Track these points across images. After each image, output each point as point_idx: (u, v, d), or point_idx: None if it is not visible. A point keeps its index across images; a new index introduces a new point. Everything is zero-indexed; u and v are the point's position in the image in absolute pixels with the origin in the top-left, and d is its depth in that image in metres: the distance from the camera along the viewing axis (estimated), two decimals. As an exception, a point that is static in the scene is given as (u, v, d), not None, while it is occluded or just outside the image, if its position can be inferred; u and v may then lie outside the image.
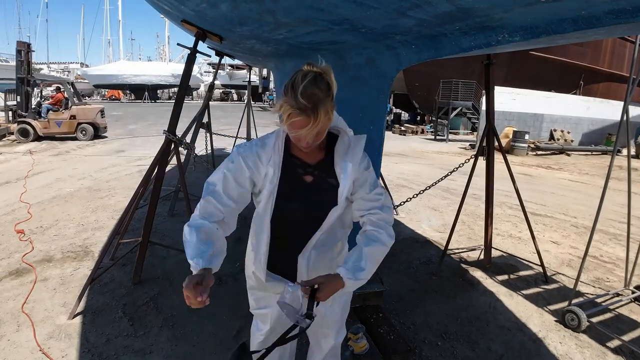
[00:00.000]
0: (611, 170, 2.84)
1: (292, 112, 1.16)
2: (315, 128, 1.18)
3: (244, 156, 1.31)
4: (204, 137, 6.16)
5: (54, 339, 2.52)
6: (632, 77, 2.87)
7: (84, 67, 50.72)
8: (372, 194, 1.36)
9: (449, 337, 2.71)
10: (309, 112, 1.15)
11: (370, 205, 1.36)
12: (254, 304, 1.56)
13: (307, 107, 1.14)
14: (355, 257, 1.28)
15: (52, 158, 9.29)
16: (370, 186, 1.37)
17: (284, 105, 1.18)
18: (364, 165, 1.37)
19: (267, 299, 1.50)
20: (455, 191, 6.94)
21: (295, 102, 1.15)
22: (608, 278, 3.82)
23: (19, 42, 11.80)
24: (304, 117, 1.15)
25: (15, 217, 4.80)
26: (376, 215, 1.36)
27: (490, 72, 3.53)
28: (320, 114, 1.16)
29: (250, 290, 1.55)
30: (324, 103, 1.17)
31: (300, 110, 1.15)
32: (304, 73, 1.18)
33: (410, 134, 19.12)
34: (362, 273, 1.25)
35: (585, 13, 1.50)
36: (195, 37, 3.09)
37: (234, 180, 1.29)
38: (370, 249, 1.29)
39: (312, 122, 1.16)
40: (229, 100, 47.03)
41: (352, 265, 1.26)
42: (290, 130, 1.21)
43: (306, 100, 1.14)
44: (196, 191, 5.92)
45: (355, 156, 1.33)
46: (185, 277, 1.09)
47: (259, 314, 1.56)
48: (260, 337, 1.55)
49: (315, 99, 1.15)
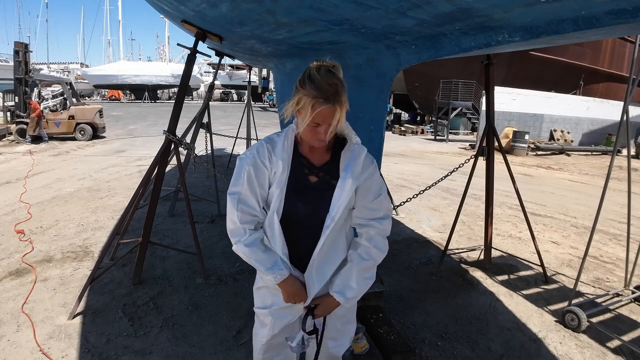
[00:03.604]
0: (611, 171, 2.84)
1: (315, 102, 1.16)
2: (339, 116, 1.20)
3: (260, 157, 1.32)
4: (204, 137, 6.16)
5: (54, 339, 2.51)
6: (632, 77, 2.87)
7: (84, 67, 50.72)
8: (374, 202, 1.36)
9: (449, 337, 2.70)
10: (333, 100, 1.16)
11: (371, 215, 1.36)
12: (260, 302, 1.50)
13: (331, 94, 1.16)
14: (345, 276, 1.35)
15: (52, 158, 9.29)
16: (374, 194, 1.36)
17: (303, 98, 1.19)
18: (369, 172, 1.35)
19: (274, 296, 1.45)
20: (455, 191, 6.94)
21: (317, 91, 1.16)
22: (608, 278, 3.82)
23: (16, 43, 11.81)
24: (329, 105, 1.17)
25: (15, 217, 4.80)
26: (374, 230, 1.36)
27: (490, 72, 3.53)
28: (343, 102, 1.19)
29: (258, 290, 1.50)
30: (344, 92, 1.20)
31: (325, 99, 1.16)
32: (317, 67, 1.20)
33: (410, 134, 19.13)
34: (351, 291, 1.34)
35: (585, 13, 1.50)
36: (195, 37, 3.09)
37: (257, 184, 1.31)
38: (361, 268, 1.35)
39: (337, 110, 1.18)
40: (228, 101, 47.00)
41: (343, 285, 1.34)
42: (312, 123, 1.21)
43: (329, 87, 1.16)
44: (196, 191, 5.94)
45: (357, 167, 1.33)
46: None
47: (264, 314, 1.49)
48: (262, 339, 1.50)
49: (336, 87, 1.17)
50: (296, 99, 1.21)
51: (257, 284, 1.51)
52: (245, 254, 1.29)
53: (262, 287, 1.48)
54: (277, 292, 1.42)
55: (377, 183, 1.37)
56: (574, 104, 16.50)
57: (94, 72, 41.11)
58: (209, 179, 7.05)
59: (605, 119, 16.55)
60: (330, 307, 1.34)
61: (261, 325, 1.50)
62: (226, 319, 2.80)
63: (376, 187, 1.37)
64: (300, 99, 1.19)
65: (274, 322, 1.45)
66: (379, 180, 1.39)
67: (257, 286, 1.51)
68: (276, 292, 1.42)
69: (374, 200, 1.36)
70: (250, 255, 1.28)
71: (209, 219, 4.92)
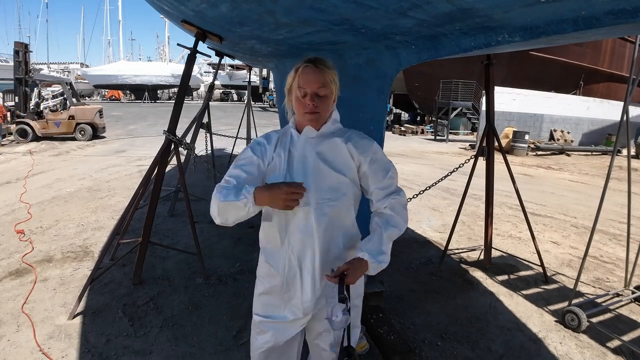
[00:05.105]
0: (611, 171, 2.84)
1: (300, 66, 1.29)
2: (325, 82, 1.28)
3: (251, 148, 1.39)
4: (204, 137, 6.16)
5: (54, 339, 2.51)
6: (632, 77, 2.87)
7: (84, 67, 50.71)
8: (386, 179, 1.36)
9: (449, 338, 2.70)
10: (317, 63, 1.28)
11: (387, 192, 1.36)
12: (259, 309, 1.46)
13: (316, 59, 1.29)
14: (377, 241, 1.31)
15: (52, 158, 9.29)
16: (383, 172, 1.36)
17: (292, 71, 1.30)
18: (368, 157, 1.36)
19: (276, 307, 1.43)
20: (455, 191, 6.94)
21: (303, 61, 1.29)
22: (608, 278, 3.82)
23: (16, 43, 11.81)
24: (312, 67, 1.28)
25: (15, 217, 4.80)
26: (394, 200, 1.35)
27: (490, 72, 3.53)
28: (326, 64, 1.29)
29: (259, 296, 1.46)
30: (331, 63, 1.31)
31: (309, 61, 1.28)
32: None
33: (410, 134, 19.13)
34: (383, 256, 1.30)
35: (585, 13, 1.50)
36: (195, 38, 3.09)
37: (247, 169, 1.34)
38: (389, 234, 1.32)
39: (322, 73, 1.28)
40: (228, 101, 47.01)
41: (375, 249, 1.29)
42: (300, 91, 1.28)
43: (314, 57, 1.29)
44: (196, 191, 5.93)
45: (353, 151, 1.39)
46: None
47: (263, 322, 1.44)
48: (263, 346, 1.44)
49: (320, 57, 1.30)
50: (289, 76, 1.32)
51: (258, 289, 1.47)
52: (216, 196, 1.26)
53: (264, 293, 1.45)
54: (280, 301, 1.40)
55: (382, 162, 1.38)
56: (574, 104, 16.49)
57: (94, 72, 41.10)
58: (209, 179, 7.05)
59: (605, 119, 16.55)
60: (360, 271, 1.26)
61: (259, 333, 1.45)
62: (226, 319, 2.80)
63: (383, 164, 1.38)
64: (289, 76, 1.31)
65: (274, 335, 1.42)
66: (382, 158, 1.39)
67: (259, 291, 1.46)
68: (279, 303, 1.41)
69: (384, 178, 1.36)
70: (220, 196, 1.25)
71: (209, 219, 4.91)
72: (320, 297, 1.38)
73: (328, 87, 1.30)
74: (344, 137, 1.37)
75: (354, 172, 1.36)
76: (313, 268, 1.35)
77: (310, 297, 1.37)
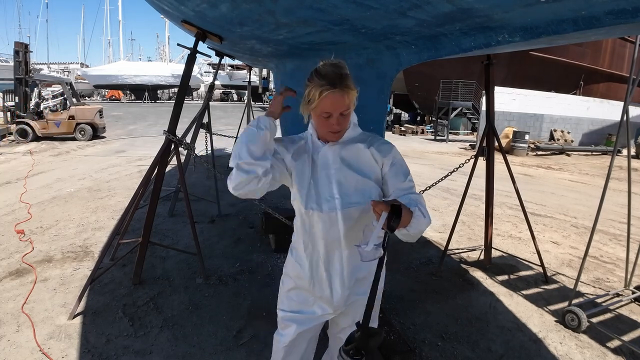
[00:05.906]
0: (611, 171, 2.84)
1: (322, 89, 1.22)
2: (348, 102, 1.26)
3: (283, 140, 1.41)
4: (204, 137, 6.16)
5: (54, 339, 2.51)
6: (632, 77, 2.87)
7: (84, 67, 50.67)
8: (406, 182, 1.35)
9: (449, 338, 2.70)
10: (339, 85, 1.23)
11: (408, 192, 1.33)
12: (286, 306, 1.51)
13: (337, 79, 1.22)
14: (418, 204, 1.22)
15: (52, 158, 9.29)
16: (403, 175, 1.36)
17: (312, 89, 1.25)
18: (389, 161, 1.37)
19: (304, 303, 1.48)
20: (455, 191, 6.94)
21: (323, 80, 1.23)
22: (608, 278, 3.82)
23: (16, 43, 11.81)
24: (335, 90, 1.22)
25: (15, 218, 4.80)
26: (417, 196, 1.28)
27: (490, 72, 3.53)
28: (350, 87, 1.25)
29: (288, 292, 1.51)
30: (350, 78, 1.26)
31: (331, 84, 1.22)
32: (323, 63, 1.26)
33: (410, 134, 19.13)
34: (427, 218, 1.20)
35: (585, 13, 1.50)
36: (195, 38, 3.09)
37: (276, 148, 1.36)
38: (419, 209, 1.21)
39: (345, 95, 1.24)
40: (229, 101, 47.00)
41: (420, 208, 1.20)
42: (323, 113, 1.27)
43: (334, 75, 1.23)
44: (196, 191, 5.94)
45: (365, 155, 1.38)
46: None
47: (290, 317, 1.49)
48: (286, 341, 1.49)
49: (341, 74, 1.24)
50: (305, 92, 1.28)
51: (286, 286, 1.52)
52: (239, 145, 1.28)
53: (293, 289, 1.49)
54: (309, 297, 1.46)
55: (402, 168, 1.38)
56: (574, 104, 16.49)
57: (94, 72, 41.07)
58: (209, 179, 7.05)
59: (605, 119, 16.55)
60: (407, 217, 1.13)
61: (284, 328, 1.51)
62: (226, 319, 2.80)
63: (403, 170, 1.38)
64: (310, 91, 1.26)
65: (298, 328, 1.47)
66: (402, 165, 1.39)
67: (287, 288, 1.51)
68: (308, 299, 1.46)
69: (405, 180, 1.36)
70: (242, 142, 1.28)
71: (209, 219, 4.92)
72: (349, 295, 1.43)
73: (351, 104, 1.30)
74: (366, 142, 1.39)
75: (378, 175, 1.38)
76: (342, 269, 1.39)
77: (341, 295, 1.42)
